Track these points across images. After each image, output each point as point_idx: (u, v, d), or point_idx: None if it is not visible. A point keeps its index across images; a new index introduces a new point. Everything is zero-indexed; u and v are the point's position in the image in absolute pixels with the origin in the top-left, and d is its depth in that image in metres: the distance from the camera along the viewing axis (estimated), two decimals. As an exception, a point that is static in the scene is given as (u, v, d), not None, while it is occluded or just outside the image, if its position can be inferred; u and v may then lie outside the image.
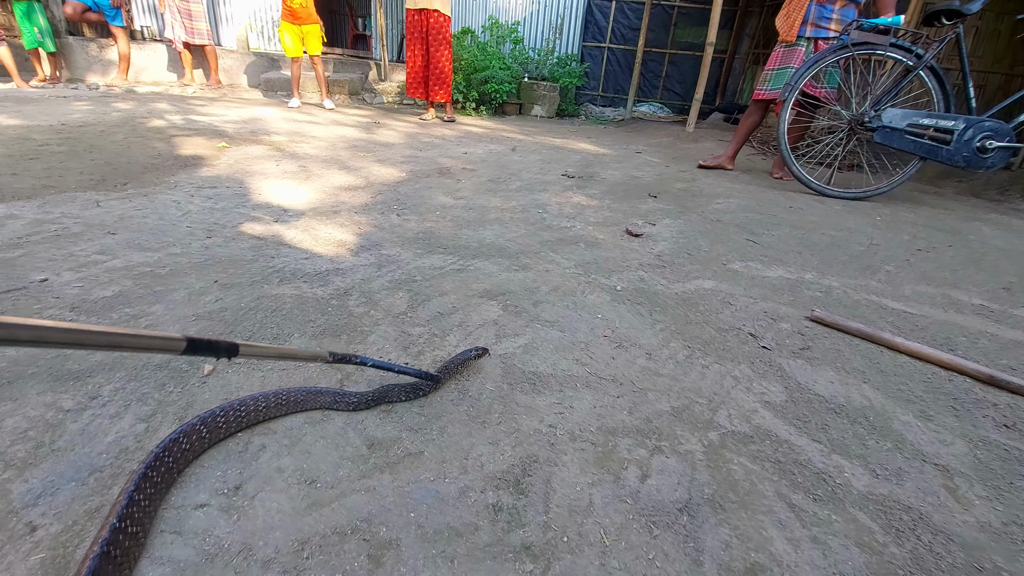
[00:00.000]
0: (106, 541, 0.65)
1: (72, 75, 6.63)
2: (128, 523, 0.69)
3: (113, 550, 0.65)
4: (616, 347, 1.33)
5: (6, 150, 2.73)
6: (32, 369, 1.06)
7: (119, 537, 0.67)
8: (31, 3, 5.77)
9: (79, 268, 1.51)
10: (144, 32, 7.38)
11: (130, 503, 0.71)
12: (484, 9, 7.66)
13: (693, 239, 2.26)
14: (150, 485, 0.76)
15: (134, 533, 0.69)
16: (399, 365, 1.02)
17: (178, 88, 6.53)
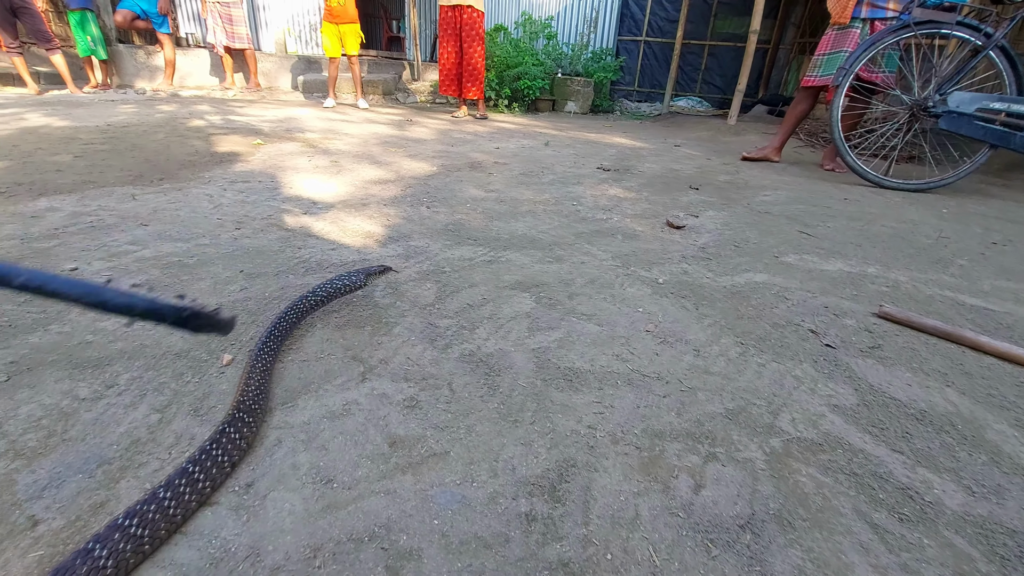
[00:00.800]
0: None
1: (122, 81, 6.91)
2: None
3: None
4: (660, 342, 1.22)
5: (53, 149, 2.81)
6: (52, 356, 1.03)
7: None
8: (85, 12, 6.03)
9: (110, 258, 1.50)
10: (189, 39, 7.64)
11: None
12: (517, 5, 7.59)
13: (740, 231, 2.12)
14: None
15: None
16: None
17: (219, 91, 6.72)
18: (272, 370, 1.00)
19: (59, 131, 3.33)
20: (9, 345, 1.06)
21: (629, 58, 8.02)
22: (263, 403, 0.90)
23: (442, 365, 1.08)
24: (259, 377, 0.93)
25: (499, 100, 6.58)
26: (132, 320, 0.78)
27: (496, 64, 6.65)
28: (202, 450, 0.75)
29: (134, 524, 0.63)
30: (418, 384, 1.01)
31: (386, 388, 1.00)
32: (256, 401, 0.87)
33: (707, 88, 8.07)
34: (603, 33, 7.73)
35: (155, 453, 0.81)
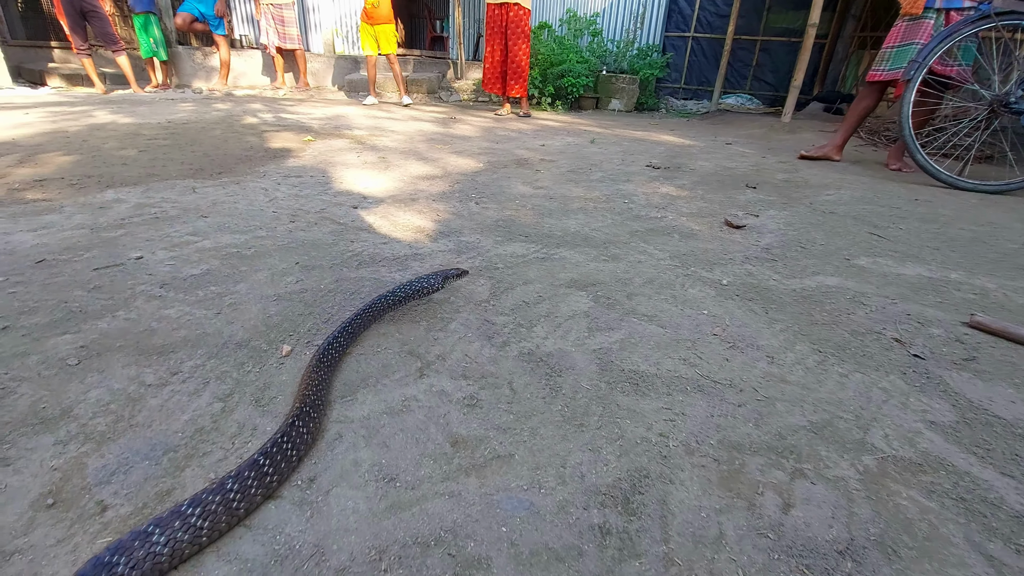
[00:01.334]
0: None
1: (180, 81, 7.22)
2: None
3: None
4: (729, 347, 1.14)
5: (119, 144, 2.93)
6: (120, 342, 1.05)
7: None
8: (148, 16, 6.32)
9: (172, 248, 1.54)
10: (243, 40, 7.91)
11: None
12: (562, 3, 7.51)
13: (805, 231, 2.00)
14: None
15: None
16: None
17: (271, 91, 6.93)
18: (338, 366, 0.99)
19: (124, 127, 3.48)
20: (80, 330, 1.08)
21: (676, 55, 7.81)
22: (327, 397, 0.88)
23: (501, 364, 1.04)
24: (324, 372, 0.91)
25: (542, 98, 6.53)
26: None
27: (540, 62, 6.59)
28: (273, 442, 0.73)
29: (195, 513, 0.62)
30: (477, 382, 0.98)
31: (445, 385, 0.97)
32: (320, 396, 0.86)
33: (758, 85, 7.77)
34: (649, 29, 7.55)
35: (219, 443, 0.80)
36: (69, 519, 0.66)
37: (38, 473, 0.73)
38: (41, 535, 0.64)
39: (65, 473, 0.73)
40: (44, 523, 0.65)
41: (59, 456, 0.76)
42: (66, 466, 0.74)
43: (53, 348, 1.02)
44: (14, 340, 1.03)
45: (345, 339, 1.02)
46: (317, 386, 0.86)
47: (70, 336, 1.06)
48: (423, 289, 1.19)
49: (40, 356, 0.99)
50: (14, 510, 0.67)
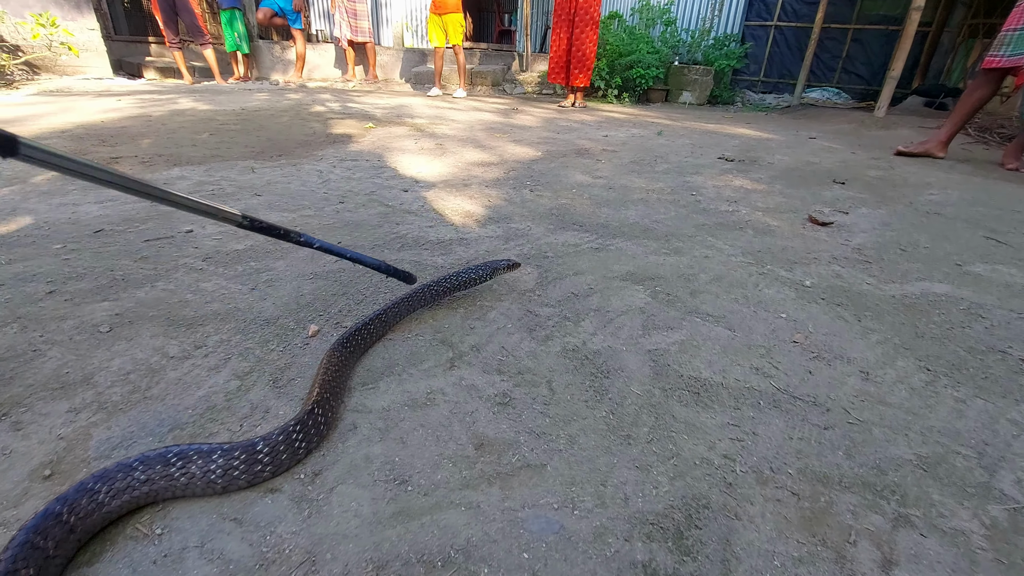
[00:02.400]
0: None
1: (260, 73, 7.59)
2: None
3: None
4: (812, 358, 0.97)
5: (193, 128, 3.06)
6: (153, 312, 1.03)
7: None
8: (233, 11, 6.66)
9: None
10: (318, 35, 8.20)
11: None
12: (635, -8, 7.22)
13: (905, 233, 1.74)
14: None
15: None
16: (353, 251, 0.95)
17: (341, 83, 7.13)
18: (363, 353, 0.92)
19: (201, 113, 3.65)
20: (118, 298, 1.07)
21: (756, 45, 7.31)
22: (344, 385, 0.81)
23: (541, 359, 0.93)
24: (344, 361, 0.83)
25: (608, 90, 6.30)
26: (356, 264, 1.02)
27: (608, 53, 6.36)
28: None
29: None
30: (512, 379, 0.87)
31: (476, 379, 0.86)
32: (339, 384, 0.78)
33: (847, 78, 7.14)
34: (728, 18, 7.12)
35: (227, 423, 0.74)
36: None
37: (45, 440, 0.69)
38: (30, 508, 0.59)
39: (70, 443, 0.69)
40: (37, 495, 0.61)
41: (68, 425, 0.72)
42: (72, 435, 0.70)
43: (90, 314, 1.01)
44: (56, 303, 1.04)
45: (376, 327, 0.94)
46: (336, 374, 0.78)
47: (108, 303, 1.05)
48: (469, 281, 1.10)
49: (76, 321, 0.98)
50: (12, 477, 0.63)
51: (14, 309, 1.01)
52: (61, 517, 0.52)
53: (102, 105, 3.79)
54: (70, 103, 3.84)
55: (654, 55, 6.25)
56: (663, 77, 6.52)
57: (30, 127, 2.82)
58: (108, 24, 7.31)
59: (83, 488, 0.55)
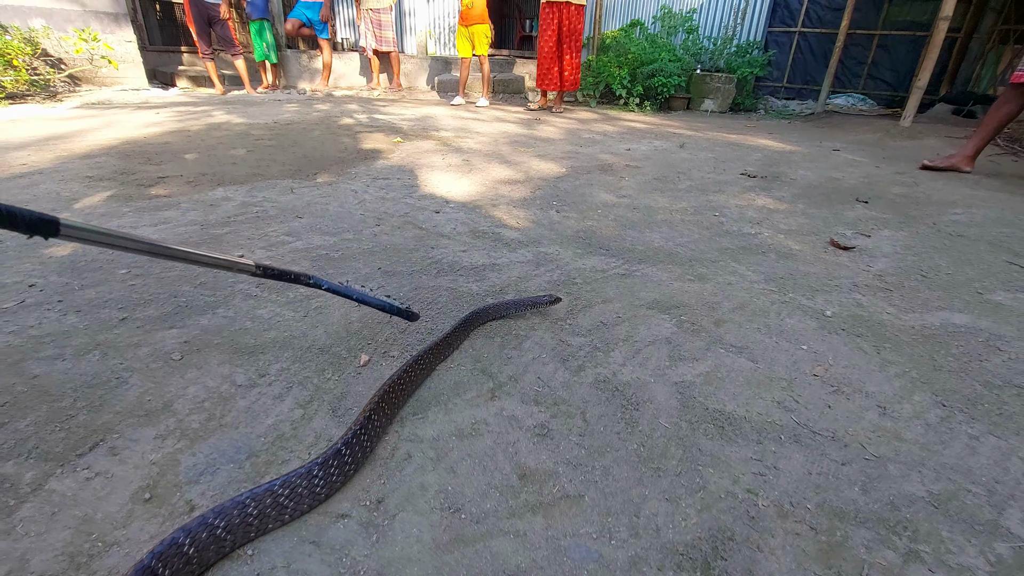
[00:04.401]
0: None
1: (287, 82, 7.79)
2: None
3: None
4: (832, 391, 1.02)
5: (231, 144, 3.20)
6: (217, 339, 1.12)
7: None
8: (263, 22, 6.86)
9: (269, 247, 1.64)
10: (343, 43, 8.38)
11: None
12: (657, -1, 7.24)
13: (927, 257, 1.76)
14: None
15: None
16: (360, 292, 1.00)
17: (366, 91, 7.28)
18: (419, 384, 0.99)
19: (237, 127, 3.80)
20: (184, 325, 1.17)
21: (779, 51, 7.27)
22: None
23: (574, 390, 1.00)
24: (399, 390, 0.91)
25: (630, 98, 6.34)
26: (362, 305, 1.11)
27: (629, 61, 6.40)
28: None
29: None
30: (549, 409, 0.94)
31: (515, 410, 0.94)
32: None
33: (873, 84, 7.05)
34: (751, 25, 7.09)
35: (296, 451, 0.83)
36: (162, 516, 0.70)
37: (139, 465, 0.79)
38: (137, 529, 0.68)
39: (161, 468, 0.78)
40: (140, 516, 0.70)
41: (157, 451, 0.82)
42: (163, 461, 0.80)
43: (161, 341, 1.11)
44: (130, 330, 1.14)
45: (435, 357, 1.03)
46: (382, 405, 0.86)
47: (176, 331, 1.15)
48: (515, 312, 1.21)
49: (150, 348, 1.08)
50: (117, 500, 0.73)
51: (93, 336, 1.11)
52: (182, 547, 0.60)
53: (142, 119, 3.97)
54: (112, 117, 4.03)
55: (676, 63, 6.26)
56: (685, 85, 6.52)
57: (79, 144, 2.98)
58: (144, 36, 7.58)
59: (204, 521, 0.63)
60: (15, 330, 1.12)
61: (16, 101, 4.67)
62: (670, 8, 6.99)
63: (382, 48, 7.00)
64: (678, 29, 6.88)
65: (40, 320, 1.17)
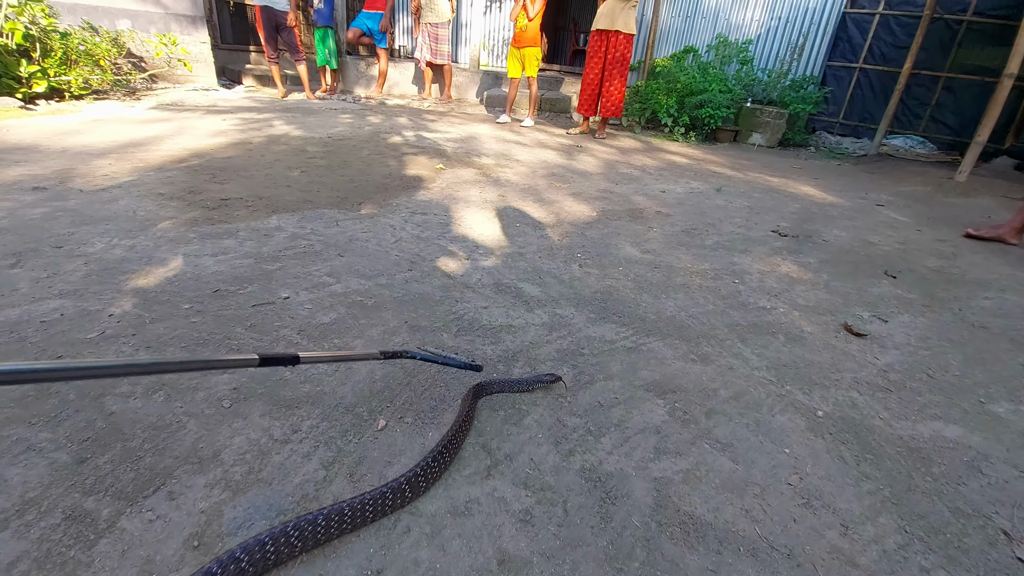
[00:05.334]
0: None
1: (344, 87, 8.14)
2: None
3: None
4: (802, 504, 1.11)
5: (287, 163, 3.45)
6: (261, 389, 1.30)
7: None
8: (327, 29, 7.20)
9: (312, 289, 1.82)
10: (400, 51, 8.68)
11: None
12: (712, 26, 7.19)
13: (940, 352, 1.79)
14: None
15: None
16: (442, 356, 1.32)
17: (417, 102, 7.54)
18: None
19: (294, 141, 4.06)
20: (235, 372, 1.35)
21: (838, 86, 7.10)
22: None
23: (561, 476, 1.12)
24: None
25: (675, 128, 6.34)
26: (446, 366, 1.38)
27: (679, 89, 6.40)
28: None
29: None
30: (536, 495, 1.07)
31: (506, 492, 1.07)
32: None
33: (935, 127, 6.80)
34: (809, 59, 6.95)
35: (316, 514, 0.98)
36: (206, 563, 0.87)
37: (191, 512, 0.96)
38: (186, 574, 0.85)
39: (208, 518, 0.95)
40: (190, 564, 0.87)
41: (206, 499, 0.99)
42: (210, 510, 0.96)
43: (214, 386, 1.29)
44: (190, 373, 1.33)
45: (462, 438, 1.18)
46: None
47: (227, 376, 1.33)
48: (516, 389, 1.35)
49: (205, 393, 1.26)
50: (172, 544, 0.90)
51: (160, 376, 1.30)
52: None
53: (210, 126, 4.29)
54: (183, 122, 4.37)
55: (726, 95, 6.23)
56: (733, 117, 6.47)
57: (154, 154, 3.28)
58: (216, 34, 8.06)
59: (232, 556, 0.80)
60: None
61: (100, 97, 5.10)
62: (726, 37, 6.93)
63: (437, 61, 7.23)
64: (732, 59, 6.83)
65: (117, 354, 1.37)
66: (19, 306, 1.53)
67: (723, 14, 7.18)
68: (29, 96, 4.37)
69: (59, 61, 4.56)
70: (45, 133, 3.57)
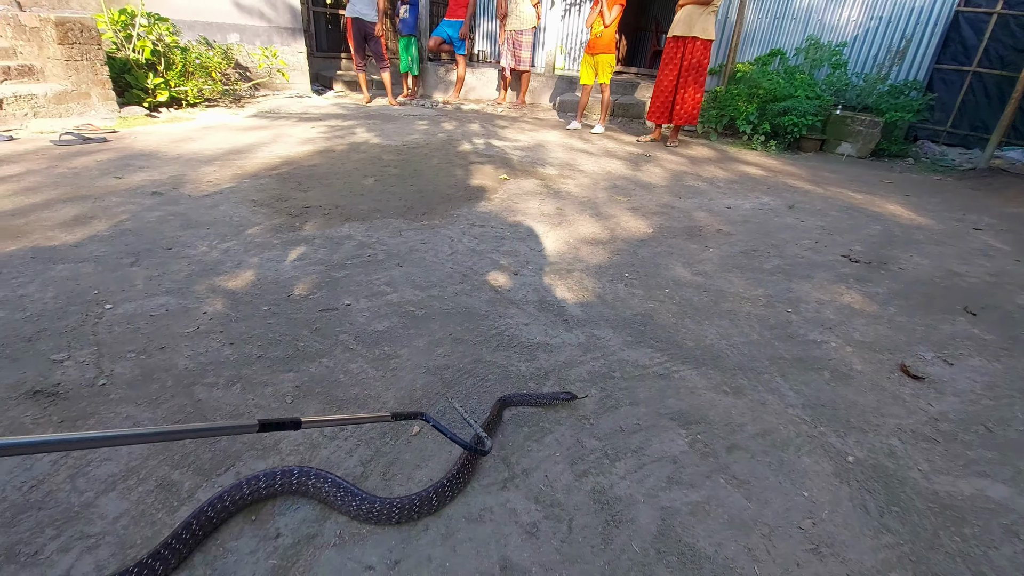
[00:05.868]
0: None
1: (424, 92, 8.52)
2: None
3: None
4: (810, 549, 1.11)
5: (363, 171, 3.73)
6: (318, 388, 1.48)
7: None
8: (411, 38, 7.59)
9: (371, 297, 2.01)
10: (479, 56, 8.93)
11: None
12: (803, 28, 6.78)
13: (1007, 404, 1.67)
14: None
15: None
16: (450, 431, 1.15)
17: (491, 106, 7.75)
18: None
19: (372, 149, 4.37)
20: (299, 370, 1.55)
21: (946, 91, 6.46)
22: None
23: (572, 495, 1.20)
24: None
25: (754, 136, 6.08)
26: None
27: (761, 95, 6.12)
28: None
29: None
30: (545, 510, 1.16)
31: (518, 504, 1.17)
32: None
33: (1063, 138, 6.02)
34: (913, 62, 6.37)
35: (351, 506, 1.13)
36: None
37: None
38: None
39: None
40: (248, 534, 1.05)
41: (264, 483, 1.17)
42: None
43: (280, 383, 1.49)
44: (262, 368, 1.54)
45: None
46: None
47: (292, 375, 1.53)
48: (534, 403, 1.44)
49: (272, 389, 1.47)
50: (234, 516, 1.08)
51: (238, 369, 1.53)
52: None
53: (301, 133, 4.71)
54: (278, 129, 4.83)
55: (813, 101, 5.88)
56: (821, 125, 6.10)
57: (251, 161, 3.68)
58: (312, 43, 8.72)
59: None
60: (191, 355, 1.58)
61: (211, 105, 5.74)
62: (818, 39, 6.52)
63: (519, 68, 7.40)
64: (823, 63, 6.42)
65: (207, 348, 1.62)
66: (135, 300, 1.84)
67: (816, 14, 6.75)
68: (153, 105, 5.02)
69: (178, 73, 5.19)
70: (164, 140, 4.11)
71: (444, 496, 1.14)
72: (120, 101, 4.72)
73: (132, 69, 4.86)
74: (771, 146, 6.05)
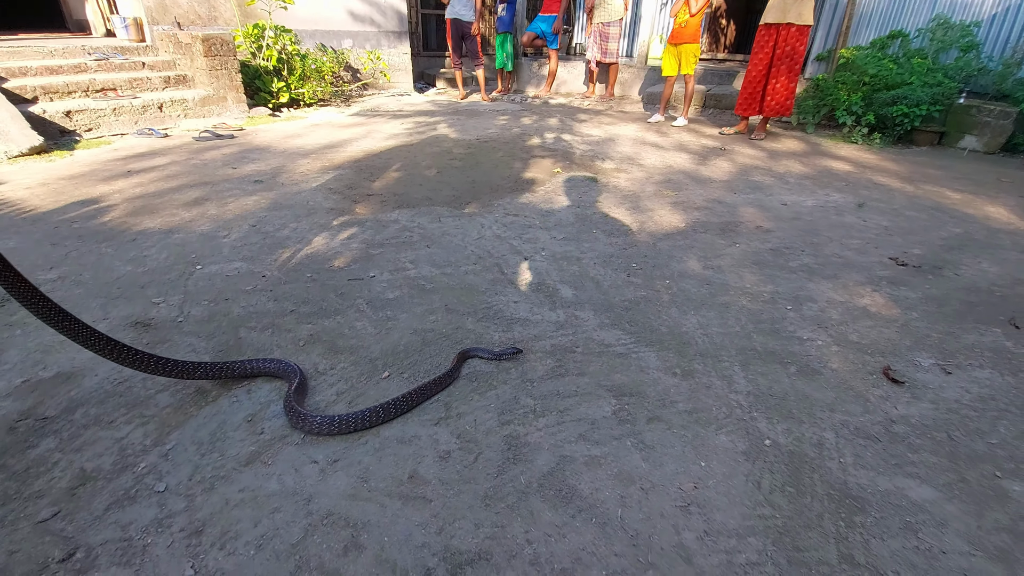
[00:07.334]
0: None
1: (518, 87, 8.86)
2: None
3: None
4: (679, 506, 1.25)
5: (429, 163, 4.15)
6: (325, 338, 1.86)
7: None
8: (506, 35, 7.96)
9: (394, 271, 2.37)
10: (576, 48, 9.06)
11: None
12: (931, 6, 6.00)
13: (992, 419, 1.58)
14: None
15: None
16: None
17: (578, 100, 7.87)
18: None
19: (445, 144, 4.79)
20: (316, 323, 1.95)
21: (1123, 72, 5.37)
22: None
23: (490, 436, 1.45)
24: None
25: (855, 128, 5.56)
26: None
27: (868, 83, 5.57)
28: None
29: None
30: (462, 444, 1.42)
31: (442, 436, 1.44)
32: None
33: None
34: (1069, 41, 5.37)
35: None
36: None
37: (256, 402, 1.54)
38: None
39: (261, 406, 1.52)
40: (248, 439, 1.44)
41: (267, 396, 1.56)
42: (264, 400, 1.54)
43: (301, 331, 1.90)
44: (291, 320, 1.97)
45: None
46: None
47: (310, 326, 1.93)
48: (488, 358, 1.70)
49: (293, 335, 1.88)
50: (238, 418, 1.49)
51: (273, 319, 1.97)
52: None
53: (390, 129, 5.28)
54: (372, 126, 5.45)
55: (930, 89, 5.25)
56: (940, 116, 5.41)
57: (340, 155, 4.27)
58: (419, 43, 9.46)
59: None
60: (244, 305, 2.05)
61: (323, 104, 6.58)
62: (947, 18, 5.74)
63: (606, 60, 7.45)
64: (951, 46, 5.65)
65: (256, 301, 2.08)
66: (218, 263, 2.38)
67: (949, -11, 5.94)
68: (276, 106, 5.92)
69: (298, 77, 6.04)
70: (278, 136, 4.89)
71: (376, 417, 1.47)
72: (250, 103, 5.66)
73: (260, 75, 5.78)
74: (875, 139, 5.49)
